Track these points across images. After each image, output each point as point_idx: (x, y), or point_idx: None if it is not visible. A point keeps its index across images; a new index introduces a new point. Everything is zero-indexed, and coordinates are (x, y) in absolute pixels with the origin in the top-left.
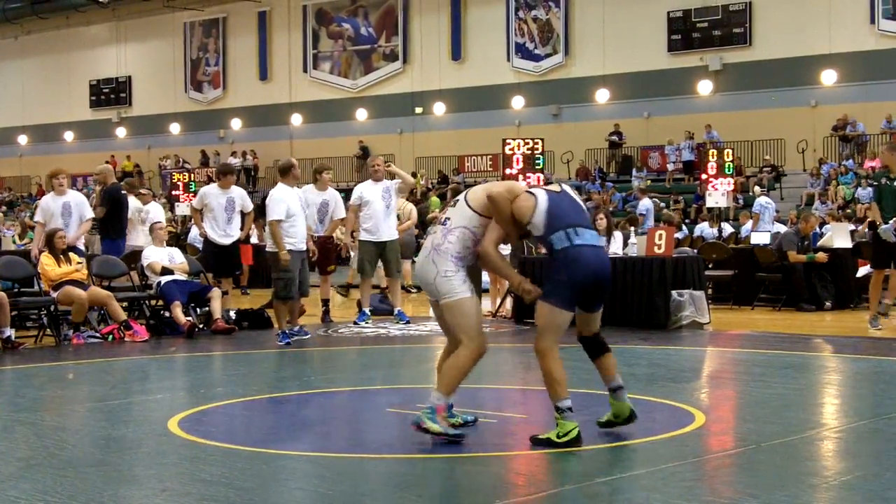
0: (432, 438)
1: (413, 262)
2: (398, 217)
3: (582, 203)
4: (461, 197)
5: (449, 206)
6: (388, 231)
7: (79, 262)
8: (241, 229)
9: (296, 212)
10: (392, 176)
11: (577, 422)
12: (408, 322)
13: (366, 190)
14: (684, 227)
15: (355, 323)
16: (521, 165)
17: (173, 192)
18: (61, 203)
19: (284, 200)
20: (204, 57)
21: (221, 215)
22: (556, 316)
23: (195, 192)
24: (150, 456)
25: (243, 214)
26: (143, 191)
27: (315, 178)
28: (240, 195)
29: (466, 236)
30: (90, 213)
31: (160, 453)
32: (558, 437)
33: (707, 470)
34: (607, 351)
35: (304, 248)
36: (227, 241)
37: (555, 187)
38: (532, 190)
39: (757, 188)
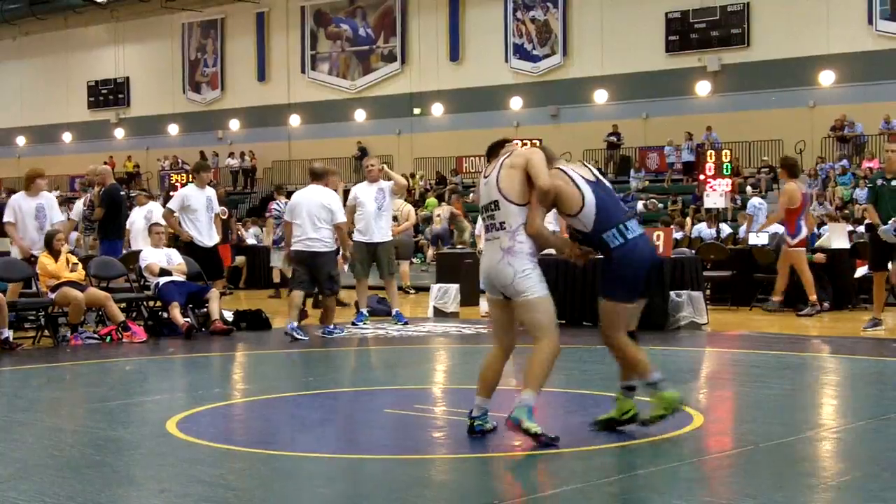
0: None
1: (412, 263)
2: (395, 218)
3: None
4: (498, 197)
5: (485, 212)
6: (380, 232)
7: (75, 263)
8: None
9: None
10: (408, 178)
11: (674, 390)
12: (406, 323)
13: (360, 191)
14: (685, 228)
15: (353, 324)
16: None
17: (171, 194)
18: (34, 205)
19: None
20: (202, 58)
21: (204, 216)
22: (623, 311)
23: None
24: (148, 457)
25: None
26: (141, 193)
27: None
28: (213, 194)
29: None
30: (60, 217)
31: (158, 454)
32: (666, 409)
33: (705, 470)
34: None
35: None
36: (211, 243)
37: (587, 173)
38: (571, 175)
39: (749, 189)
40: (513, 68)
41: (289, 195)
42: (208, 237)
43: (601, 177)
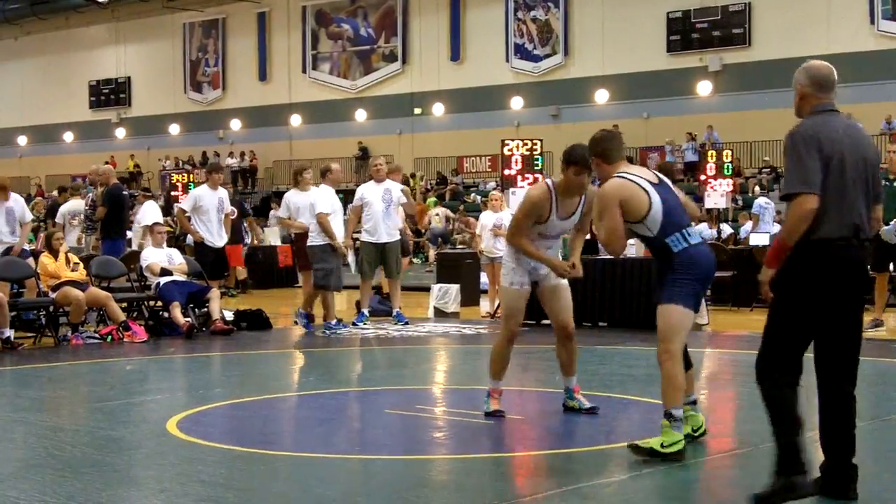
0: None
1: (411, 262)
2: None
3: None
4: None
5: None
6: (388, 232)
7: (76, 263)
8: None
9: (336, 209)
10: (406, 180)
11: (682, 434)
12: (406, 323)
13: (367, 191)
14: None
15: (354, 324)
16: (519, 166)
17: (172, 193)
18: (4, 208)
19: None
20: (203, 58)
21: (214, 217)
22: (685, 318)
23: None
24: (148, 457)
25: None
26: (141, 192)
27: (296, 179)
28: (225, 195)
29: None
30: (30, 216)
31: (159, 454)
32: (663, 446)
33: (706, 471)
34: (689, 367)
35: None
36: (221, 244)
37: (651, 175)
38: (636, 181)
39: (757, 189)
40: (514, 68)
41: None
42: (218, 238)
43: (665, 178)
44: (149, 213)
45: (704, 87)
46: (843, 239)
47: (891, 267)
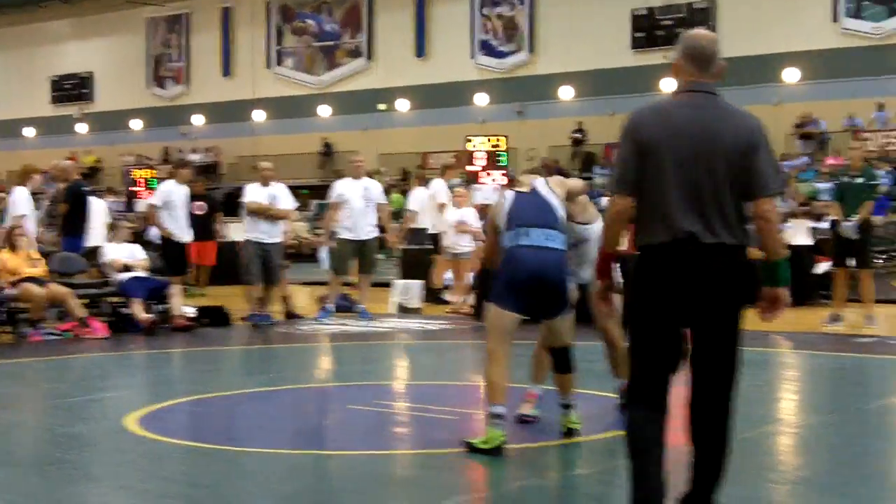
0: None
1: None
2: None
3: (553, 201)
4: None
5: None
6: (367, 229)
7: (37, 259)
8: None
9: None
10: (370, 175)
11: (504, 431)
12: (370, 319)
13: (345, 187)
14: None
15: (317, 320)
16: (484, 162)
17: (133, 189)
18: None
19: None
20: (167, 53)
21: (182, 212)
22: (497, 317)
23: (154, 190)
24: (108, 453)
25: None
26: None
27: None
28: (188, 191)
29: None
30: None
31: (119, 451)
32: (483, 442)
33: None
34: (567, 371)
35: (266, 242)
36: (188, 239)
37: (524, 188)
38: (505, 193)
39: None
40: (479, 64)
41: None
42: (185, 233)
43: (546, 190)
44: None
45: (668, 84)
46: (669, 244)
47: (850, 262)
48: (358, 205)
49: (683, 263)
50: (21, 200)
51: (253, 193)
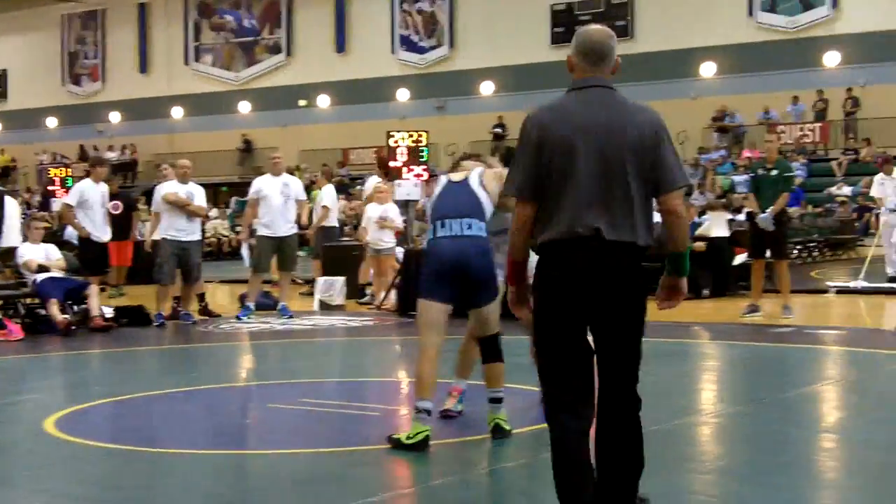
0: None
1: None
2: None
3: (480, 193)
4: None
5: None
6: (286, 226)
7: None
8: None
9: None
10: (291, 171)
11: (429, 426)
12: (291, 317)
13: (264, 184)
14: None
15: (238, 318)
16: (405, 158)
17: (49, 188)
18: None
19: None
20: (82, 50)
21: (99, 211)
22: (425, 310)
23: (70, 188)
24: (26, 457)
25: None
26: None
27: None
28: (106, 189)
29: None
30: None
31: (37, 454)
32: (407, 438)
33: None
34: (496, 360)
35: (185, 240)
36: (106, 238)
37: (458, 176)
38: (441, 177)
39: None
40: (399, 60)
41: None
42: (103, 232)
43: (476, 181)
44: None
45: None
46: (573, 241)
47: (767, 253)
48: (277, 201)
49: (586, 259)
50: None
51: (170, 188)
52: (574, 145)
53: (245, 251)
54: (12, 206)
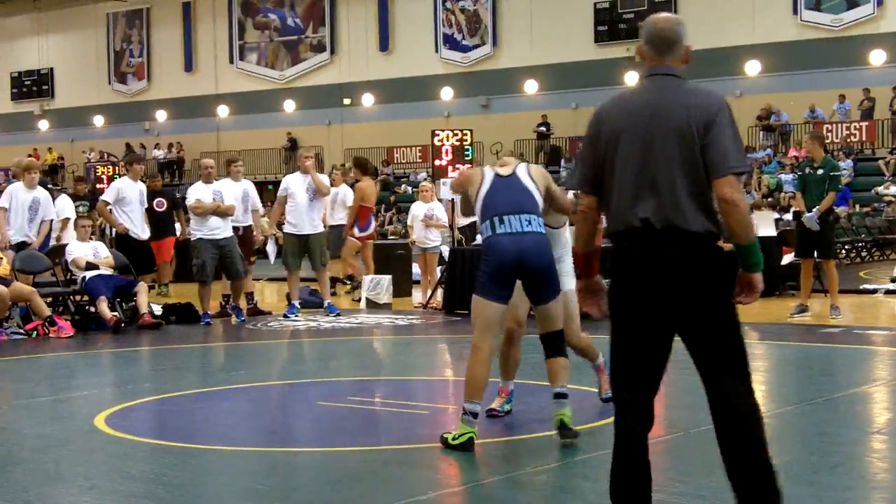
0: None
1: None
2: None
3: (532, 188)
4: None
5: None
6: (312, 224)
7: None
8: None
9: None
10: (323, 170)
11: (475, 428)
12: (338, 315)
13: (292, 182)
14: None
15: (285, 316)
16: (450, 156)
17: (97, 186)
18: None
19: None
20: (128, 48)
21: (137, 208)
22: (481, 309)
23: None
24: (76, 453)
25: None
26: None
27: (228, 170)
28: (143, 187)
29: None
30: None
31: (87, 450)
32: (453, 438)
33: None
34: (559, 355)
35: (221, 238)
36: (145, 236)
37: (505, 170)
38: (485, 170)
39: None
40: (443, 58)
41: None
42: (142, 230)
43: (525, 175)
44: (67, 207)
45: (632, 78)
46: (626, 232)
47: (815, 253)
48: (302, 200)
49: (640, 251)
50: None
51: (196, 193)
52: (621, 136)
53: (270, 248)
54: (66, 204)
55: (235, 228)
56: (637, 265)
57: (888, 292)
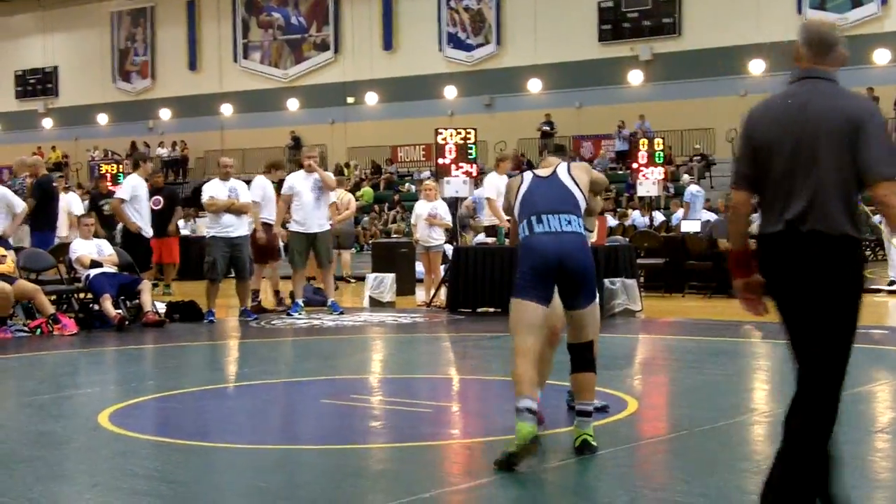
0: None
1: (352, 252)
2: (336, 207)
3: (572, 187)
4: None
5: None
6: (318, 222)
7: (3, 255)
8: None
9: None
10: (341, 169)
11: (534, 425)
12: (341, 313)
13: (297, 181)
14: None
15: (288, 314)
16: (453, 155)
17: (105, 184)
18: None
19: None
20: (132, 47)
21: (146, 206)
22: (519, 311)
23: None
24: (80, 451)
25: None
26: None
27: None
28: (146, 186)
29: None
30: None
31: (91, 448)
32: (514, 445)
33: (640, 456)
34: (588, 370)
35: (235, 236)
36: (151, 234)
37: (545, 171)
38: (524, 174)
39: (686, 177)
40: (447, 57)
41: None
42: (148, 227)
43: (565, 174)
44: (74, 204)
45: (636, 77)
46: (771, 235)
47: None
48: (308, 198)
49: (783, 254)
50: None
51: (212, 190)
52: (771, 138)
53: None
54: (73, 201)
55: (269, 226)
56: (779, 267)
57: (891, 292)
